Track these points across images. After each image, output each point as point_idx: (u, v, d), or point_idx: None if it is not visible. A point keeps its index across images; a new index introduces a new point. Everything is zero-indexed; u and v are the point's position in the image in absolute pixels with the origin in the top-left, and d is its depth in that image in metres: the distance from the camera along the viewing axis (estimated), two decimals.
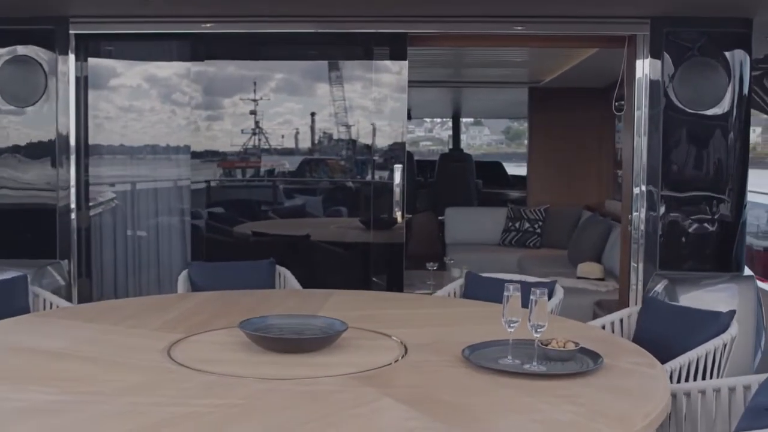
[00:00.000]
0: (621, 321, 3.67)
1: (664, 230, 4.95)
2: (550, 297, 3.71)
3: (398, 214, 5.06)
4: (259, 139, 5.42)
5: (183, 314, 3.51)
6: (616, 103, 5.51)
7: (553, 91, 9.13)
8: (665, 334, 3.34)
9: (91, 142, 5.37)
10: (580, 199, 9.19)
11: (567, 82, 8.53)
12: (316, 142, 5.42)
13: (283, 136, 5.43)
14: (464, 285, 4.38)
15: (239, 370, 2.63)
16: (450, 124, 13.78)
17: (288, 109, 5.40)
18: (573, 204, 9.14)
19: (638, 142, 4.98)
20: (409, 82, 5.18)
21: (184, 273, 4.37)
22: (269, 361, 2.76)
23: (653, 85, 4.91)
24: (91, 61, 5.38)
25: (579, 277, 6.69)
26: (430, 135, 19.81)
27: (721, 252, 5.01)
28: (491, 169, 12.58)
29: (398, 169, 5.07)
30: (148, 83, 5.50)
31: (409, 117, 13.25)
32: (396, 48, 5.16)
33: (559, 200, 9.28)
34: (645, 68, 4.93)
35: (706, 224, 4.97)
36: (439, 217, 9.79)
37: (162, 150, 5.51)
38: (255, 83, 5.38)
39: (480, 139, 22.77)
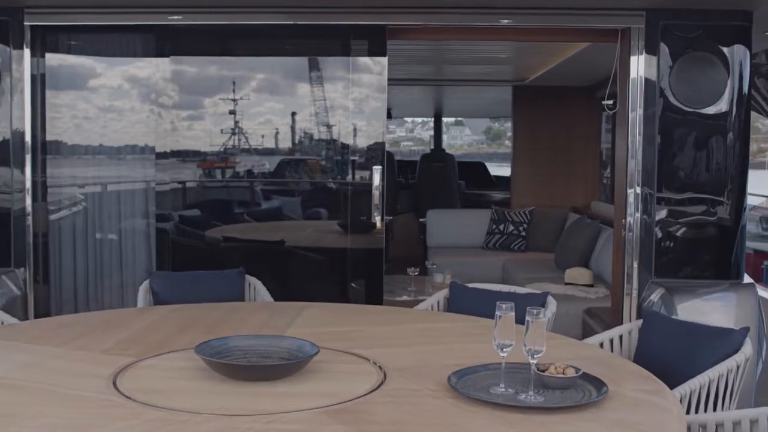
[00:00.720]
0: (621, 337, 3.36)
1: (659, 235, 4.66)
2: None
3: (377, 219, 4.73)
4: (238, 140, 5.09)
5: (138, 333, 3.17)
6: (607, 102, 5.22)
7: (537, 90, 8.84)
8: (671, 354, 3.04)
9: (48, 140, 5.00)
10: (565, 200, 8.92)
11: (552, 81, 8.24)
12: (296, 142, 5.10)
13: (263, 136, 5.10)
14: (448, 296, 4.06)
15: (194, 404, 2.29)
16: (431, 124, 13.50)
17: (268, 108, 5.08)
18: (559, 206, 8.87)
19: (632, 141, 4.68)
20: (390, 80, 4.85)
21: (145, 284, 4.03)
22: (230, 390, 2.43)
23: (648, 81, 4.61)
24: (49, 56, 5.01)
25: (567, 283, 6.40)
26: (411, 135, 19.54)
27: (719, 258, 4.72)
28: (474, 170, 12.29)
29: (377, 170, 4.74)
30: (111, 80, 5.14)
31: (390, 116, 13.01)
32: (375, 42, 4.83)
33: (544, 202, 9.00)
34: (640, 64, 4.63)
35: (703, 228, 4.68)
36: (421, 219, 9.49)
37: (125, 150, 5.15)
38: (234, 83, 5.05)
39: (461, 139, 22.53)
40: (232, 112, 5.07)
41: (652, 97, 4.60)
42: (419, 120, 18.31)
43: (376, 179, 4.73)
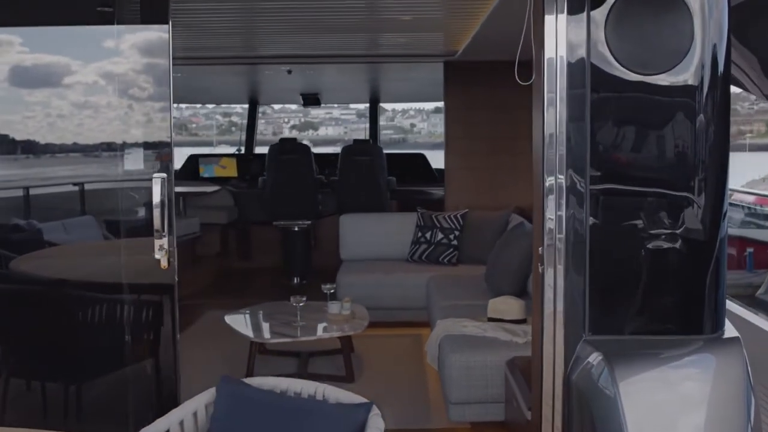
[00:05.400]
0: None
1: (594, 254, 3.07)
2: None
3: (161, 254, 3.11)
4: None
5: None
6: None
7: (471, 66, 7.27)
8: None
9: None
10: (510, 199, 7.36)
11: (484, 53, 6.65)
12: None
13: None
14: (215, 400, 2.44)
15: None
16: (411, 112, 11.91)
17: None
18: (501, 206, 7.30)
19: (550, 114, 3.07)
20: (314, 56, 3.21)
21: None
22: None
23: (573, 33, 3.01)
24: None
25: (490, 318, 4.81)
26: (392, 123, 17.80)
27: (688, 297, 3.13)
28: (411, 163, 10.68)
29: (158, 181, 3.13)
30: None
31: (318, 103, 11.37)
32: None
33: (484, 202, 7.44)
34: (560, 9, 3.03)
35: (662, 242, 3.08)
36: None
37: None
38: None
39: (441, 126, 21.09)
40: None
41: (578, 56, 3.00)
42: (399, 108, 16.79)
43: (156, 194, 3.11)
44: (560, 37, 3.01)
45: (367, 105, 11.59)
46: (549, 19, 3.04)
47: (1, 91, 3.32)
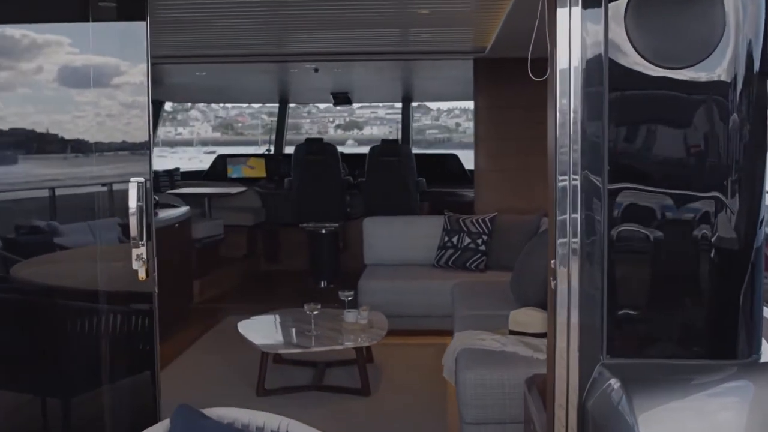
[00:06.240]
0: None
1: (613, 266, 2.76)
2: None
3: (139, 264, 2.88)
4: None
5: None
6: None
7: (499, 63, 6.95)
8: None
9: None
10: (541, 203, 7.03)
11: (511, 50, 6.33)
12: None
13: None
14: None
15: None
16: (456, 111, 11.66)
17: None
18: (531, 210, 6.99)
19: (566, 119, 2.78)
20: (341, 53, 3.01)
21: None
22: None
23: (589, 24, 2.71)
24: None
25: (511, 331, 4.51)
26: (437, 123, 17.54)
27: (719, 311, 2.81)
28: (443, 164, 10.39)
29: (134, 186, 2.90)
30: None
31: (349, 102, 11.13)
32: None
33: (515, 205, 7.13)
34: (574, 1, 2.73)
35: (690, 251, 2.76)
36: None
37: None
38: None
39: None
40: None
41: (596, 50, 2.70)
42: (444, 107, 16.60)
43: (132, 200, 2.88)
44: (574, 30, 2.71)
45: (413, 104, 11.37)
46: (562, 12, 2.74)
47: (50, 91, 3.17)
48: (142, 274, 2.88)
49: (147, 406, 3.27)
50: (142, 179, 2.90)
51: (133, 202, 2.86)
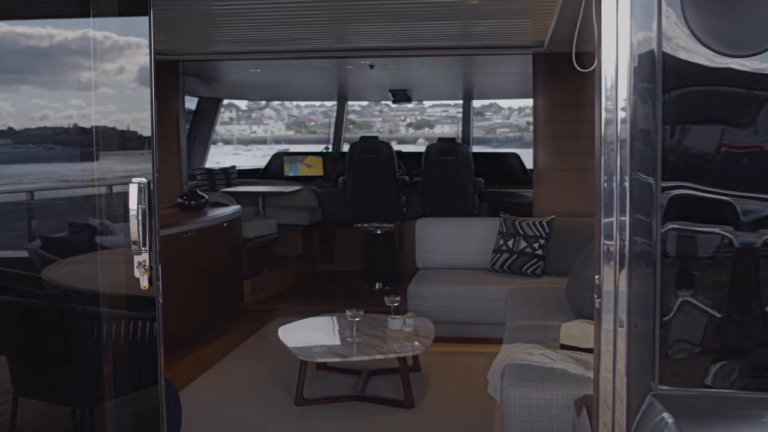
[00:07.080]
0: None
1: (667, 280, 2.43)
2: None
3: (140, 271, 2.67)
4: None
5: None
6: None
7: (559, 58, 6.60)
8: None
9: None
10: None
11: (569, 45, 5.99)
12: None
13: None
14: None
15: None
16: (528, 110, 11.34)
17: None
18: (592, 212, 6.60)
19: (612, 111, 2.48)
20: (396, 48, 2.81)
21: None
22: None
23: (639, 5, 2.39)
24: None
25: (563, 345, 4.18)
26: (508, 122, 17.30)
27: None
28: (503, 163, 10.03)
29: (135, 187, 2.68)
30: None
31: (408, 99, 10.87)
32: None
33: (574, 207, 6.77)
34: None
35: (758, 264, 2.41)
36: None
37: None
38: None
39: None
40: None
41: (648, 37, 2.39)
42: (516, 106, 16.34)
43: (133, 201, 2.66)
44: (622, 15, 2.40)
45: (483, 103, 11.06)
46: None
47: (131, 90, 3.04)
48: (144, 283, 2.67)
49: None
50: (144, 180, 2.69)
51: (133, 204, 2.65)
